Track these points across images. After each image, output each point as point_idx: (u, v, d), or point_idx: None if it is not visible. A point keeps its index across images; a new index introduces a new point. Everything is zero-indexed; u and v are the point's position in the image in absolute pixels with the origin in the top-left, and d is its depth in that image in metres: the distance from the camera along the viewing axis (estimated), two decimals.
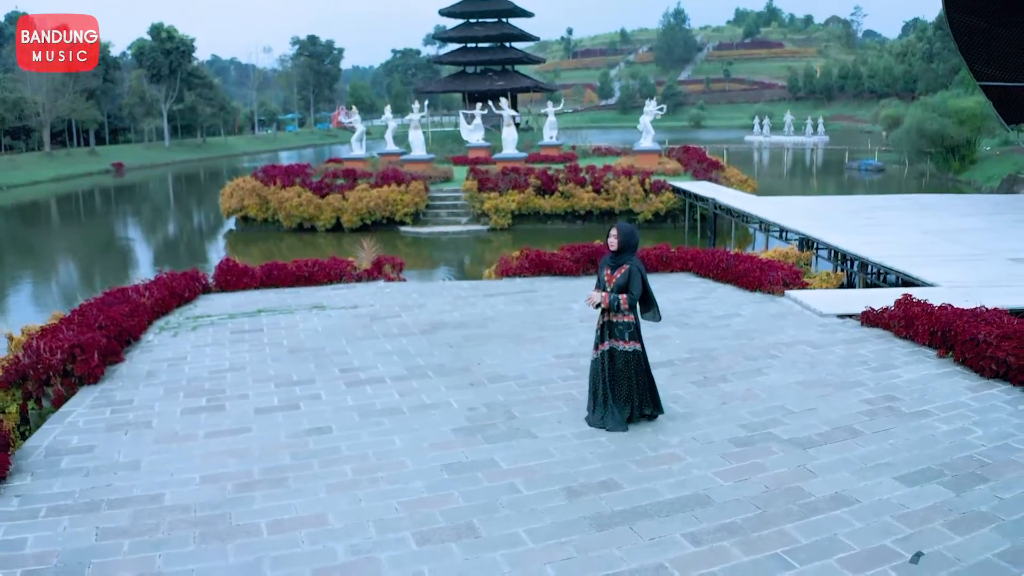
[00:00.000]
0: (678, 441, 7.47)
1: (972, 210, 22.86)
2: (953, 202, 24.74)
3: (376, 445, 7.49)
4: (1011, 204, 24.59)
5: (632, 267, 7.52)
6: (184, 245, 36.13)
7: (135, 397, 8.79)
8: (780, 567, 5.35)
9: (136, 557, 5.59)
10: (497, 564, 5.59)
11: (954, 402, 8.21)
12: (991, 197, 26.57)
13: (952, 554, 5.44)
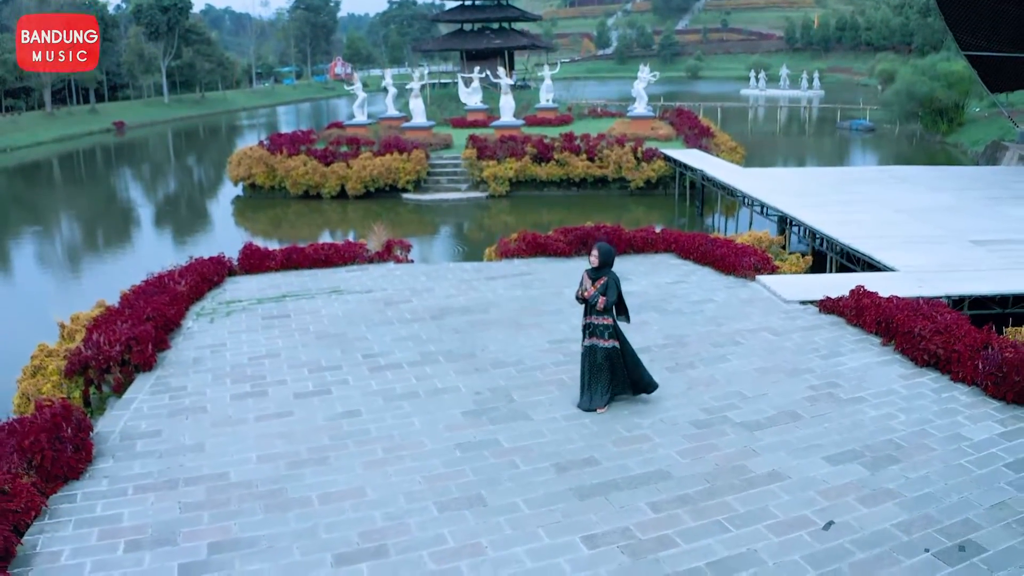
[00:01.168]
0: (649, 423, 8.99)
1: (946, 184, 24.14)
2: (929, 175, 25.96)
3: (399, 427, 9.00)
4: (985, 177, 25.85)
5: (610, 279, 8.96)
6: (192, 208, 37.34)
7: (188, 384, 10.28)
8: (719, 531, 6.89)
9: (216, 526, 7.11)
10: (501, 527, 7.12)
11: (887, 389, 9.71)
12: (967, 170, 27.83)
13: (857, 524, 6.97)
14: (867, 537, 6.77)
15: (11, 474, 7.50)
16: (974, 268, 15.11)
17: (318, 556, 6.64)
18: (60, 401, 8.79)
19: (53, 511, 7.44)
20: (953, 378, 9.92)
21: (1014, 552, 6.56)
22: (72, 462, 8.03)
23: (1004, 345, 9.85)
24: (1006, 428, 8.70)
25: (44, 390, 10.51)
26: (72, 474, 8.00)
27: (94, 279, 23.32)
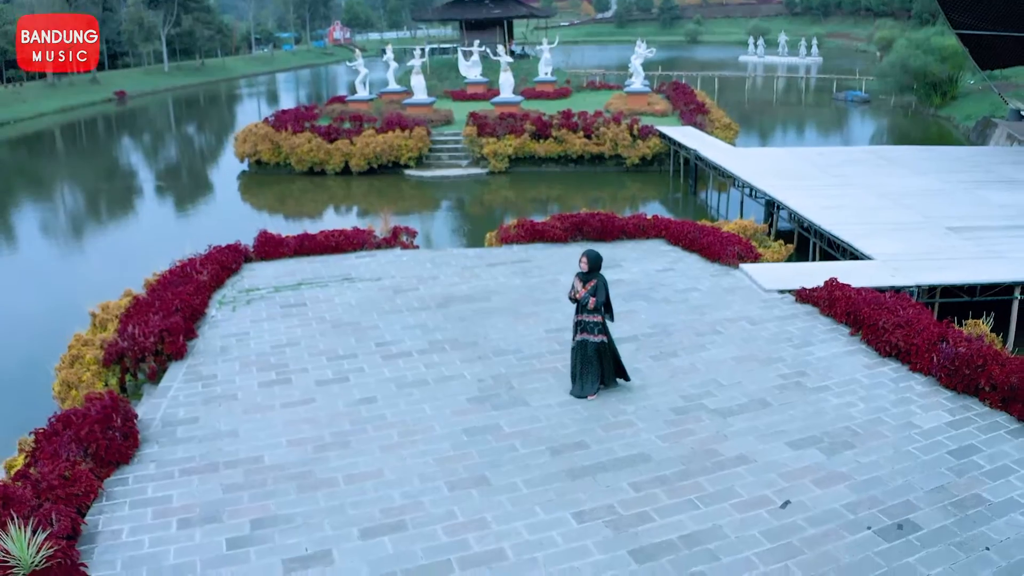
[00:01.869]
0: (633, 410, 10.05)
1: (932, 166, 24.99)
2: (917, 156, 26.78)
3: (411, 412, 10.06)
4: (970, 159, 26.65)
5: (599, 282, 9.97)
6: (198, 183, 38.13)
7: (217, 372, 11.32)
8: (690, 508, 7.98)
9: (255, 504, 8.19)
10: (503, 504, 8.20)
11: (850, 378, 10.76)
12: (954, 151, 28.62)
13: (810, 503, 8.06)
14: (818, 515, 7.86)
15: (70, 462, 8.57)
16: (947, 257, 16.07)
17: (346, 531, 7.73)
18: (108, 393, 9.82)
19: (109, 493, 8.51)
20: (912, 368, 10.97)
21: (946, 531, 7.64)
22: (122, 449, 9.10)
23: (959, 339, 10.88)
24: (954, 417, 9.76)
25: (84, 379, 11.56)
26: (123, 459, 9.07)
27: (110, 257, 24.23)
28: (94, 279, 21.41)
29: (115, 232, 28.91)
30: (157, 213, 31.87)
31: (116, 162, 44.93)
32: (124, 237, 27.52)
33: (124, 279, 18.40)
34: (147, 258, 21.34)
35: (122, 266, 22.16)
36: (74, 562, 7.28)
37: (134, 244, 25.54)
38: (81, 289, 20.13)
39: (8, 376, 15.24)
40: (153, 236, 26.62)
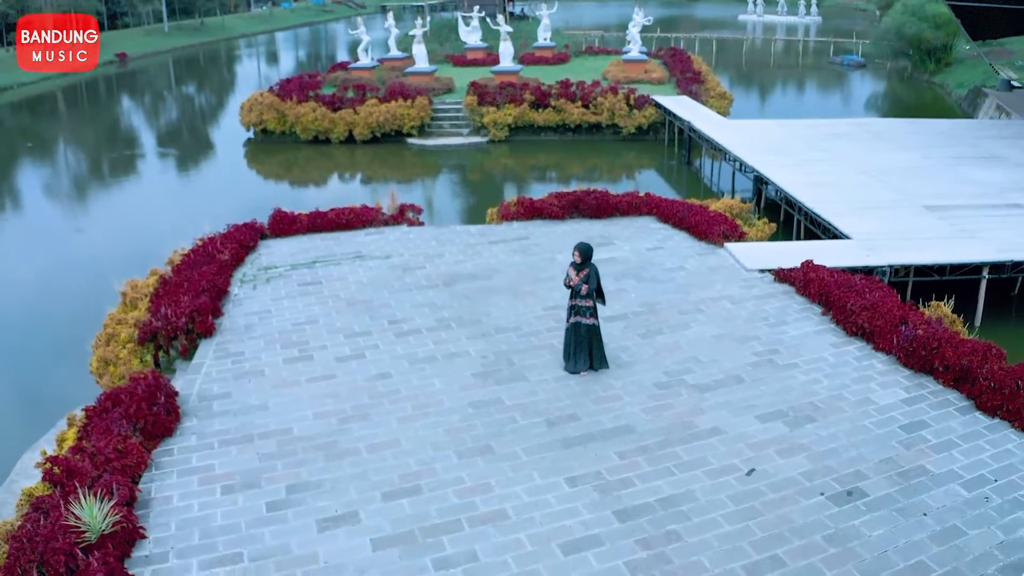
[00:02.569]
0: (621, 385, 11.21)
1: (918, 140, 25.89)
2: (904, 130, 27.65)
3: (423, 387, 11.22)
4: (956, 133, 27.46)
5: (591, 271, 11.05)
6: (204, 150, 38.89)
7: (244, 349, 12.46)
8: (667, 474, 9.17)
9: (288, 472, 9.38)
10: (504, 471, 9.39)
11: (817, 357, 11.91)
12: (941, 124, 29.40)
13: (772, 471, 9.25)
14: (778, 482, 9.06)
15: (122, 436, 9.72)
16: (922, 236, 17.12)
17: (369, 494, 8.93)
18: (151, 373, 10.96)
19: (158, 464, 9.69)
20: (875, 348, 12.11)
21: (890, 498, 8.83)
22: (166, 423, 10.27)
23: (919, 322, 12.00)
24: (909, 395, 10.92)
25: (121, 356, 12.65)
26: (167, 433, 10.24)
27: (125, 228, 25.09)
28: (112, 251, 22.41)
29: (128, 201, 29.75)
30: (166, 181, 32.71)
31: (121, 128, 45.60)
32: (137, 206, 28.36)
33: (142, 251, 19.63)
34: (163, 230, 22.50)
35: (139, 237, 23.22)
36: (134, 526, 8.48)
37: (148, 214, 26.44)
38: (100, 261, 21.24)
39: (41, 351, 16.30)
40: (166, 206, 27.59)
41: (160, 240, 21.54)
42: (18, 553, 7.96)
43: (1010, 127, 29.37)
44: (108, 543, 8.07)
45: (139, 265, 17.88)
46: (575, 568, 7.81)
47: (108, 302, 15.07)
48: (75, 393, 13.61)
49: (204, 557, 8.10)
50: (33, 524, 8.30)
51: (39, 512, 8.54)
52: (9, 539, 8.31)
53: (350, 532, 8.35)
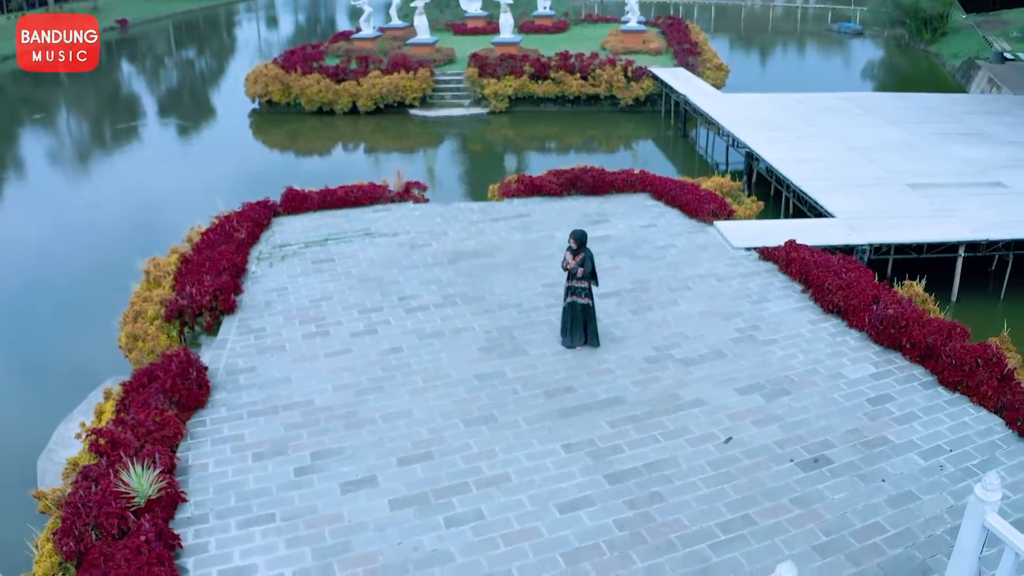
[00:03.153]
0: (614, 359, 12.21)
1: (906, 116, 26.59)
2: (893, 105, 28.33)
3: (432, 361, 12.21)
4: (945, 109, 28.06)
5: (587, 255, 11.99)
6: (209, 120, 39.49)
7: (265, 325, 13.43)
8: (653, 442, 10.20)
9: (312, 440, 10.40)
10: (507, 438, 10.42)
11: (795, 333, 12.89)
12: (931, 99, 29.99)
13: (748, 439, 10.28)
14: (753, 449, 10.09)
15: (159, 409, 10.72)
16: (903, 215, 17.96)
17: (386, 460, 9.96)
18: (184, 351, 11.92)
19: (192, 434, 10.71)
20: (849, 325, 13.09)
21: (852, 465, 9.86)
22: (198, 396, 11.27)
23: (890, 301, 12.97)
24: (877, 370, 11.92)
25: (149, 332, 13.57)
26: (199, 405, 11.24)
27: (140, 201, 25.78)
28: (127, 223, 23.17)
29: (137, 172, 30.28)
30: (173, 152, 33.31)
31: (126, 97, 46.08)
32: (147, 177, 28.91)
33: (157, 224, 20.57)
34: (174, 202, 23.43)
35: (152, 209, 24.06)
36: (177, 491, 9.52)
37: (159, 185, 27.07)
38: (115, 234, 22.05)
39: (64, 326, 17.15)
40: (175, 176, 28.21)
41: (173, 212, 22.60)
42: (73, 517, 8.96)
43: (999, 102, 30.04)
44: (154, 507, 9.10)
45: (154, 238, 18.89)
46: (570, 526, 8.86)
47: (128, 277, 15.99)
48: (102, 367, 14.63)
49: (240, 518, 9.15)
50: (84, 491, 9.28)
51: (88, 480, 9.52)
52: (63, 505, 9.31)
53: (370, 494, 9.40)
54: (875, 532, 8.80)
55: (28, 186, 29.34)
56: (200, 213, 18.26)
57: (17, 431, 13.41)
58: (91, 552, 8.65)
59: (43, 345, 16.53)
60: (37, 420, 13.50)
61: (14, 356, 16.25)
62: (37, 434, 13.00)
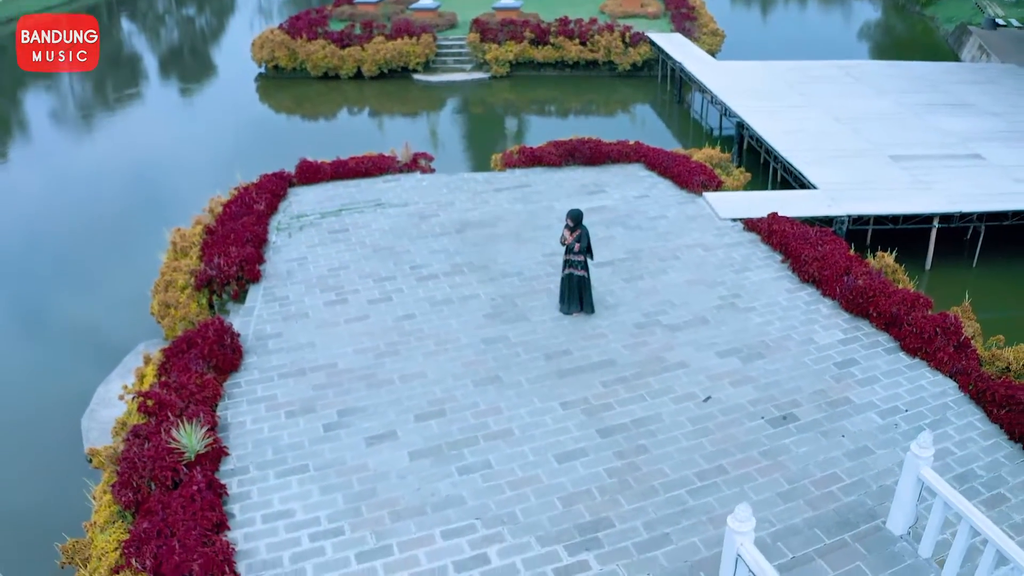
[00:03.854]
0: (607, 325, 13.46)
1: (892, 85, 27.46)
2: (882, 73, 29.19)
3: (443, 326, 13.46)
4: (933, 77, 28.80)
5: (583, 231, 13.16)
6: (217, 83, 40.20)
7: (288, 293, 14.64)
8: (640, 400, 11.49)
9: (339, 399, 11.69)
10: (510, 397, 11.71)
11: (773, 301, 14.12)
12: (918, 67, 30.71)
13: (725, 399, 11.56)
14: (729, 407, 11.39)
15: (199, 372, 11.97)
16: (883, 187, 19.06)
17: (404, 416, 11.26)
18: (218, 319, 13.14)
19: (229, 394, 11.98)
20: (823, 294, 14.31)
21: (816, 423, 11.14)
22: (233, 360, 12.52)
23: (860, 272, 14.17)
24: (846, 336, 13.17)
25: (180, 300, 14.73)
26: (234, 368, 12.50)
27: (155, 167, 26.70)
28: (144, 189, 24.16)
29: (150, 137, 31.17)
30: (182, 116, 34.10)
31: (129, 58, 46.61)
32: (162, 143, 29.82)
33: (175, 190, 21.64)
34: (191, 169, 24.42)
35: (168, 175, 25.00)
36: (220, 446, 10.81)
37: (173, 150, 27.92)
38: (135, 202, 23.04)
39: (92, 293, 18.19)
40: (187, 141, 29.10)
41: (187, 178, 23.68)
42: (130, 471, 10.24)
43: (987, 71, 30.86)
44: (203, 460, 10.40)
45: (172, 204, 20.02)
46: (566, 474, 10.20)
47: (149, 244, 17.18)
48: (133, 332, 15.78)
49: (278, 468, 10.47)
50: (137, 448, 10.55)
51: (139, 438, 10.78)
52: (119, 461, 10.57)
53: (391, 446, 10.71)
54: (833, 481, 10.12)
55: (36, 151, 30.01)
56: (214, 178, 19.29)
57: (59, 393, 14.52)
58: (148, 501, 9.94)
59: (74, 312, 17.53)
60: (76, 383, 14.62)
61: (48, 323, 17.35)
62: (77, 395, 14.15)
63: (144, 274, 16.63)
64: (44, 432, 13.55)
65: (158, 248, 16.96)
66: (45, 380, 15.06)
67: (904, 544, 8.99)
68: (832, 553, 8.91)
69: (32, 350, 16.26)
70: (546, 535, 9.34)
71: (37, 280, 18.81)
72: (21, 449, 13.28)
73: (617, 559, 9.02)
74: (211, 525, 9.48)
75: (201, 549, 9.03)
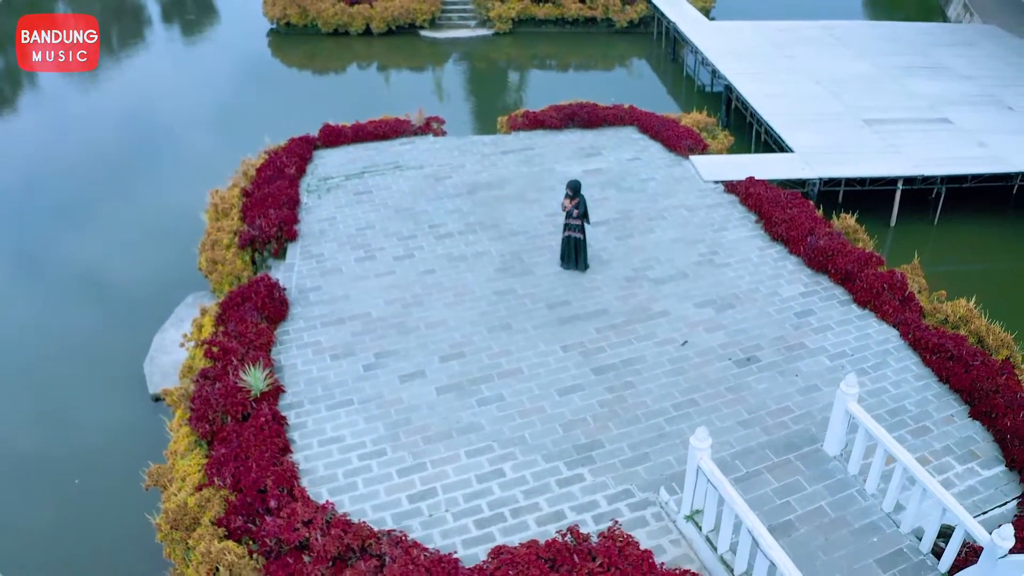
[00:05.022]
0: (601, 279, 15.59)
1: (874, 48, 29.01)
2: (864, 35, 30.72)
3: (459, 280, 15.58)
4: (914, 40, 30.23)
5: (580, 200, 15.20)
6: (229, 39, 41.51)
7: (323, 251, 16.71)
8: (628, 344, 13.69)
9: (374, 343, 13.86)
10: (519, 341, 13.90)
11: (745, 258, 16.23)
12: (901, 28, 32.04)
13: (699, 343, 13.76)
14: (702, 350, 13.59)
15: (254, 323, 14.09)
16: (855, 151, 20.95)
17: (430, 358, 13.47)
18: (266, 276, 15.18)
19: (280, 340, 14.13)
20: (790, 251, 16.40)
21: (775, 364, 13.33)
22: (281, 311, 14.65)
23: (822, 233, 16.25)
24: (807, 289, 15.30)
25: (227, 257, 16.74)
26: (282, 318, 14.63)
27: (180, 123, 28.34)
28: (173, 147, 25.78)
29: (170, 92, 32.65)
30: (198, 71, 35.43)
31: (133, 8, 47.47)
32: (182, 99, 31.34)
33: (205, 149, 23.43)
34: (216, 125, 26.15)
35: (194, 132, 26.67)
36: (278, 385, 13.00)
37: (195, 107, 29.49)
38: (164, 158, 24.75)
39: (138, 249, 20.03)
40: (208, 98, 30.66)
41: (212, 134, 25.46)
42: (204, 407, 12.40)
43: (966, 32, 32.38)
44: (266, 397, 12.58)
45: (200, 161, 21.88)
46: (566, 404, 12.44)
47: (182, 200, 19.48)
48: (179, 285, 17.67)
49: (327, 402, 12.69)
50: (209, 387, 12.69)
51: (208, 379, 12.91)
52: (193, 399, 12.67)
53: (421, 383, 12.93)
54: (784, 413, 12.36)
55: (56, 107, 31.36)
56: (236, 134, 20.87)
57: (117, 342, 16.52)
58: (222, 431, 12.11)
59: (123, 267, 19.21)
60: (130, 332, 16.57)
61: (101, 279, 19.14)
62: (134, 343, 16.15)
63: (179, 231, 18.61)
64: (110, 376, 15.62)
65: (190, 204, 18.94)
66: (105, 330, 17.01)
67: (836, 463, 11.25)
68: (778, 468, 11.17)
69: (89, 304, 18.17)
70: (549, 454, 11.61)
71: (82, 240, 20.45)
72: (92, 392, 15.32)
73: (606, 473, 11.31)
74: (278, 449, 11.71)
75: (272, 468, 11.27)
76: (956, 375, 12.98)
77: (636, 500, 10.93)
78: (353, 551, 10.12)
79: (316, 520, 10.41)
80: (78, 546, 12.48)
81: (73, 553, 12.36)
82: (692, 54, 31.49)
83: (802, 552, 9.83)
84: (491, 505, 10.88)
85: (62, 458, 13.93)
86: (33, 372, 15.92)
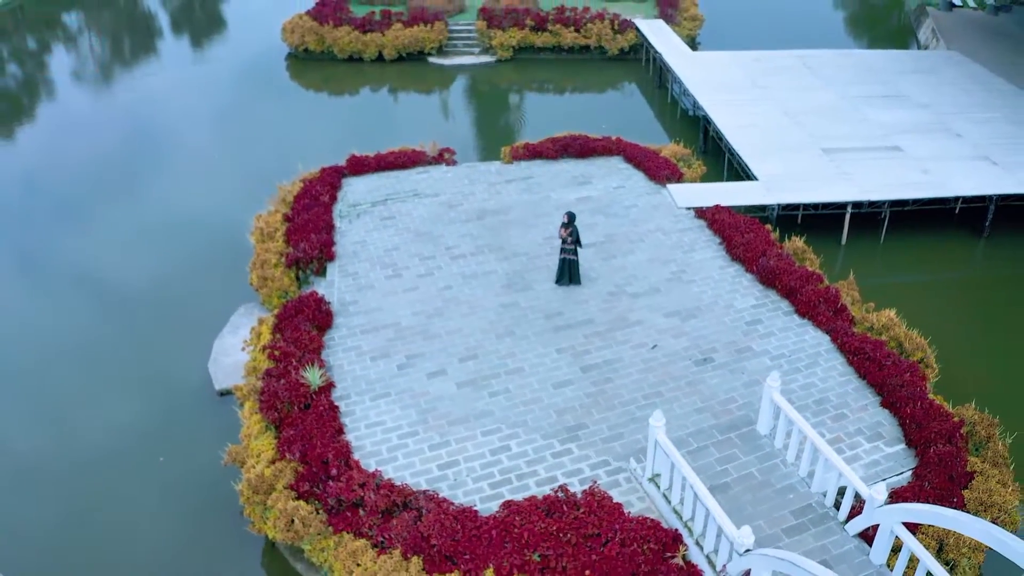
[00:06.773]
0: (588, 293, 18.90)
1: (841, 77, 32.15)
2: (834, 63, 33.78)
3: (472, 295, 18.89)
4: (878, 68, 33.25)
5: (574, 228, 18.51)
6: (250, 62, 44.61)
7: (357, 270, 20.02)
8: (609, 347, 17.01)
9: (404, 347, 17.18)
10: (522, 346, 17.23)
11: (709, 275, 19.53)
12: (869, 56, 35.20)
13: (667, 347, 17.09)
14: (669, 353, 16.92)
15: (306, 331, 17.39)
16: (813, 178, 24.10)
17: (450, 359, 16.79)
18: (313, 293, 18.46)
19: (328, 344, 17.41)
20: (746, 270, 19.69)
21: (727, 363, 16.61)
22: (327, 320, 17.96)
23: (773, 255, 19.55)
24: (757, 302, 18.61)
25: (275, 275, 19.96)
26: (328, 327, 17.92)
27: (219, 145, 31.43)
28: (209, 167, 28.76)
29: (199, 115, 35.60)
30: (221, 93, 38.30)
31: (157, 33, 50.48)
32: (213, 122, 34.28)
33: (241, 169, 26.52)
34: (248, 146, 29.21)
35: (229, 152, 29.68)
36: (330, 381, 16.30)
37: (227, 132, 32.54)
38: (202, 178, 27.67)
39: (190, 264, 23.14)
40: (239, 120, 33.64)
41: (248, 156, 28.47)
42: (272, 398, 15.65)
43: (929, 59, 35.37)
44: (322, 390, 15.87)
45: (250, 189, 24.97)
46: (559, 395, 15.77)
47: (225, 219, 22.60)
48: (230, 298, 20.67)
49: (370, 394, 16.00)
50: (274, 383, 15.93)
51: (272, 377, 16.15)
52: (261, 392, 15.92)
53: (443, 379, 16.26)
54: (731, 402, 15.67)
55: (85, 130, 34.49)
56: (267, 156, 24.01)
57: (181, 346, 19.35)
58: (288, 418, 15.38)
59: (177, 282, 21.72)
60: (191, 338, 19.41)
61: (159, 293, 21.73)
62: (195, 348, 19.05)
63: (222, 249, 21.73)
64: (177, 377, 18.50)
65: (231, 223, 22.14)
66: (169, 337, 19.86)
67: (766, 440, 14.58)
68: (721, 444, 14.50)
69: (155, 316, 20.97)
70: (545, 434, 14.94)
71: (139, 259, 23.16)
72: (165, 391, 18.12)
73: (590, 448, 14.65)
74: (334, 431, 15.02)
75: (331, 445, 14.58)
76: (871, 373, 16.25)
77: (612, 468, 14.25)
78: (397, 506, 13.45)
79: (368, 484, 13.72)
80: (165, 506, 15.48)
81: (163, 514, 15.46)
82: (675, 83, 34.70)
83: (735, 505, 13.15)
84: (501, 472, 14.19)
85: (147, 441, 16.82)
86: (109, 370, 18.83)
